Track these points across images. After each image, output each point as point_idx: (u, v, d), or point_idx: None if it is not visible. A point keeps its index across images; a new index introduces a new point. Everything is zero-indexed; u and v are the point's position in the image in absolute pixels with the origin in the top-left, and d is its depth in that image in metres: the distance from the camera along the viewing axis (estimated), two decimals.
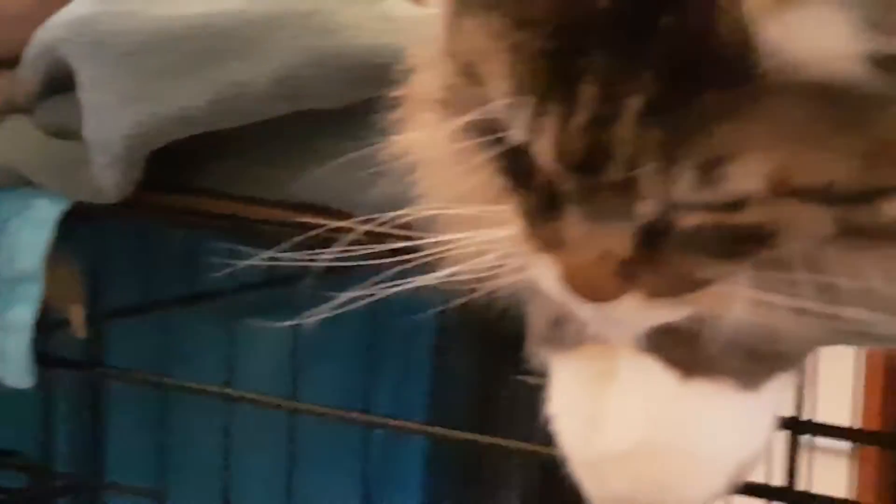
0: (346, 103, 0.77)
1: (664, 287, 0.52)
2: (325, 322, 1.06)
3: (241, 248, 0.67)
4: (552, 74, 0.49)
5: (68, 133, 0.84)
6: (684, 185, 0.48)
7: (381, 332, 1.03)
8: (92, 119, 0.82)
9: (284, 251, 0.64)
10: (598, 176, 0.49)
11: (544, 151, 0.50)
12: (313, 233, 0.67)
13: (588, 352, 0.60)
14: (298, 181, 0.79)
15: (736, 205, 0.49)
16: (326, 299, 0.60)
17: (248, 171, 0.83)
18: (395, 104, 0.62)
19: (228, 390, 0.91)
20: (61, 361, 0.92)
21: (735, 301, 0.53)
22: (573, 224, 0.51)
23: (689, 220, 0.50)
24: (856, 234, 0.51)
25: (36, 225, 0.84)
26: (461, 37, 0.53)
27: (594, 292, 0.53)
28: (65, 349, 0.93)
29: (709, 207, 0.49)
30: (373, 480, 1.03)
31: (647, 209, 0.50)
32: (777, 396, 0.59)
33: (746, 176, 0.48)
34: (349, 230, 0.64)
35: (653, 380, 0.57)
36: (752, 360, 0.57)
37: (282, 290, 0.89)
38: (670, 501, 0.59)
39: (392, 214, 0.60)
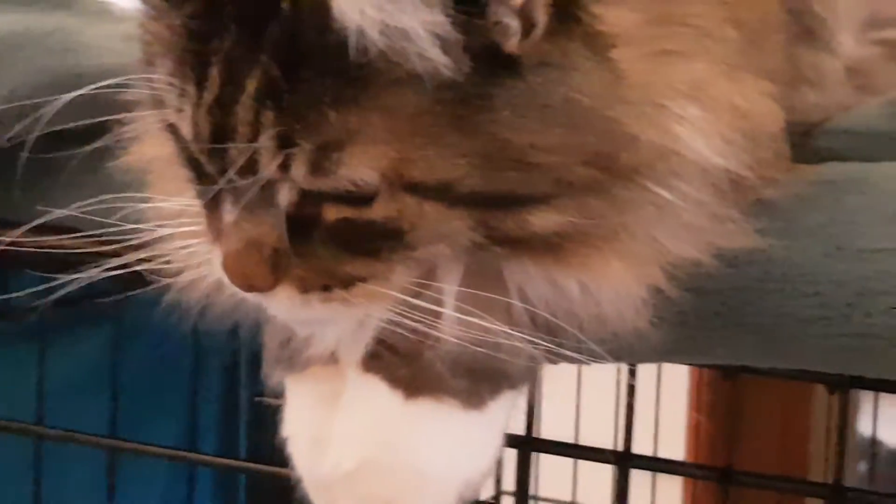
0: (86, 123, 0.76)
1: (314, 281, 0.53)
2: (72, 350, 1.05)
3: None
4: (191, 55, 0.50)
5: None
6: (302, 169, 0.50)
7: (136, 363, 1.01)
8: None
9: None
10: (226, 158, 0.50)
11: (185, 133, 0.51)
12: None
13: (318, 373, 0.60)
14: (40, 202, 0.77)
15: (365, 199, 0.51)
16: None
17: None
18: (130, 121, 0.62)
19: None
20: None
21: (389, 301, 0.54)
22: (227, 212, 0.52)
23: (330, 214, 0.51)
24: (510, 244, 0.53)
25: None
26: (144, 28, 0.54)
27: (247, 281, 0.53)
28: None
29: (336, 198, 0.51)
30: None
31: (285, 198, 0.51)
32: (504, 415, 0.60)
33: (360, 165, 0.50)
34: (96, 252, 0.63)
35: (377, 400, 0.58)
36: (475, 379, 0.58)
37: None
38: None
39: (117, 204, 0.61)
